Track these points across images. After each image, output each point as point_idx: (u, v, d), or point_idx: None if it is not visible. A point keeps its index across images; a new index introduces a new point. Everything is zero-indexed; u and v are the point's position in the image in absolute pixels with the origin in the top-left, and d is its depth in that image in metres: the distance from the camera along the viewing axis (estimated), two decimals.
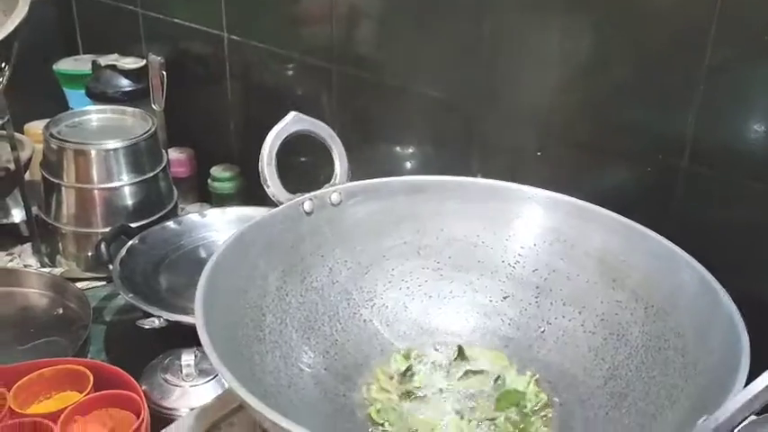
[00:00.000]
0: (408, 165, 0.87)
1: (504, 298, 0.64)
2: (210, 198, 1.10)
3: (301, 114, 0.65)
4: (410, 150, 0.88)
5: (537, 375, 0.58)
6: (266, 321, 0.56)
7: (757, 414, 0.51)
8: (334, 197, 0.64)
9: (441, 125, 0.83)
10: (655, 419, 0.49)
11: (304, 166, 0.85)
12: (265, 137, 0.63)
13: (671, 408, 0.48)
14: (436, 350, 0.62)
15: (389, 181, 0.67)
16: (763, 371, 0.38)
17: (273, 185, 0.62)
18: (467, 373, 0.59)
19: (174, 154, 1.09)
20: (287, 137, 0.64)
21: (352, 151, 0.68)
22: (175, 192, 1.04)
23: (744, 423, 0.51)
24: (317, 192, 0.64)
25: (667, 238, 0.58)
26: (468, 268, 0.65)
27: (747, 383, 0.39)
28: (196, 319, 0.47)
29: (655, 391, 0.51)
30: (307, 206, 0.63)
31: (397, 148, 0.88)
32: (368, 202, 0.66)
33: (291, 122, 0.64)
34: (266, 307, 0.57)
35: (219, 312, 0.51)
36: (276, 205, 0.62)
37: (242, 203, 1.04)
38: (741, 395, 0.35)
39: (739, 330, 0.46)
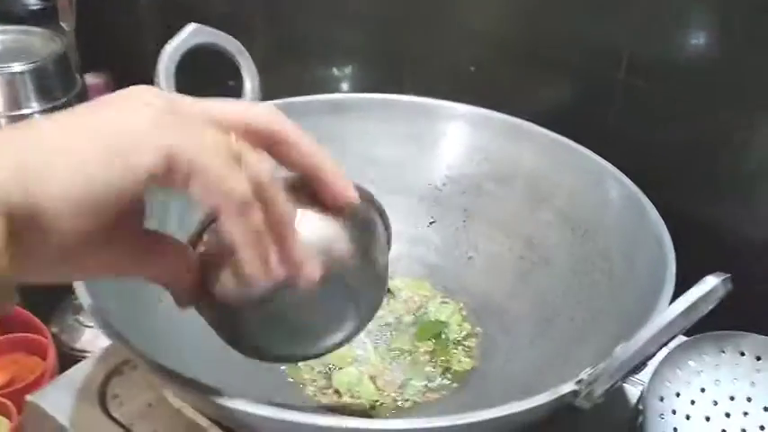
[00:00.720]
0: (336, 85, 0.81)
1: (431, 223, 0.60)
2: None
3: (204, 26, 0.58)
4: (338, 69, 0.81)
5: (461, 304, 0.55)
6: None
7: (688, 335, 0.49)
8: None
9: (369, 41, 0.76)
10: (579, 346, 0.46)
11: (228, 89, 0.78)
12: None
13: (595, 333, 0.45)
14: None
15: (307, 100, 0.61)
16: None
17: None
18: (387, 303, 0.56)
19: (91, 80, 1.01)
20: (187, 50, 0.57)
21: (276, 71, 0.62)
22: None
23: (674, 344, 0.49)
24: None
25: (602, 155, 0.54)
26: (393, 192, 0.60)
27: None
28: None
29: (580, 318, 0.48)
30: None
31: (325, 68, 0.82)
32: None
33: (191, 35, 0.57)
34: None
35: None
36: None
37: None
38: (657, 321, 0.32)
39: (665, 244, 0.43)
